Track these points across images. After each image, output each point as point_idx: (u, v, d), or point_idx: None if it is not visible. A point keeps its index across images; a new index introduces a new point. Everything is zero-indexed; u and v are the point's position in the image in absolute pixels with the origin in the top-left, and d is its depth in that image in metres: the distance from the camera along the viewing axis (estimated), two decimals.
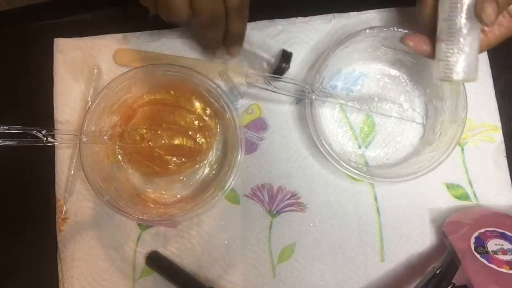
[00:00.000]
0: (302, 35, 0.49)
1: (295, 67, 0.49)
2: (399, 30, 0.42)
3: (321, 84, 0.44)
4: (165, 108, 0.47)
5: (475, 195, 0.46)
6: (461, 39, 0.34)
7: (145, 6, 0.37)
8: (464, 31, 0.34)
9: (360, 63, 0.49)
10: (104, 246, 0.47)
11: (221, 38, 0.41)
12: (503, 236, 0.40)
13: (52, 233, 0.48)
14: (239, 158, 0.43)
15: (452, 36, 0.34)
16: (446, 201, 0.46)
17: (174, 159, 0.46)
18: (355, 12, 0.49)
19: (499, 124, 0.47)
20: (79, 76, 0.50)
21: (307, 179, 0.47)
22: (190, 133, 0.47)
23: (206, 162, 0.48)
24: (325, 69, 0.44)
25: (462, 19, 0.33)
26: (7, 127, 0.39)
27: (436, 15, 0.35)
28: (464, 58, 0.34)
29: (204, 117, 0.48)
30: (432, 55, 0.37)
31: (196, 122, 0.47)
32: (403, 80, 0.48)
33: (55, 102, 0.50)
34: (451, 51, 0.34)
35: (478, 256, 0.38)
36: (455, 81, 0.35)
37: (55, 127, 0.49)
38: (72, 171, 0.48)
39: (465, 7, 0.33)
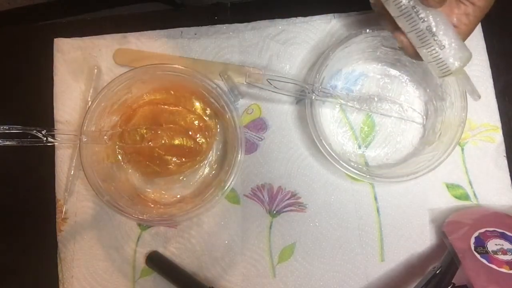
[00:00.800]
0: (302, 35, 0.49)
1: (295, 67, 0.49)
2: None
3: (321, 84, 0.44)
4: (165, 108, 0.47)
5: (475, 195, 0.46)
6: (435, 38, 0.34)
7: None
8: (433, 30, 0.34)
9: (360, 63, 0.49)
10: (104, 246, 0.47)
11: None
12: (503, 236, 0.40)
13: (52, 233, 0.48)
14: (239, 158, 0.43)
15: (425, 41, 0.35)
16: (446, 201, 0.46)
17: (174, 159, 0.46)
18: (355, 12, 0.49)
19: (499, 124, 0.47)
20: (79, 76, 0.50)
21: (307, 179, 0.47)
22: (190, 133, 0.47)
23: (206, 162, 0.48)
24: (325, 69, 0.44)
25: (424, 23, 0.34)
26: (7, 127, 0.39)
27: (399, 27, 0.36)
28: (449, 49, 0.35)
29: (204, 117, 0.48)
30: (416, 57, 0.37)
31: (196, 122, 0.47)
32: (403, 80, 0.48)
33: (55, 102, 0.50)
34: (433, 52, 0.35)
35: (478, 256, 0.38)
36: (455, 71, 0.36)
37: (55, 127, 0.49)
38: (72, 171, 0.48)
39: (419, 13, 0.34)
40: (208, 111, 0.48)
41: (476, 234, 0.40)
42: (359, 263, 0.46)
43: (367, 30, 0.43)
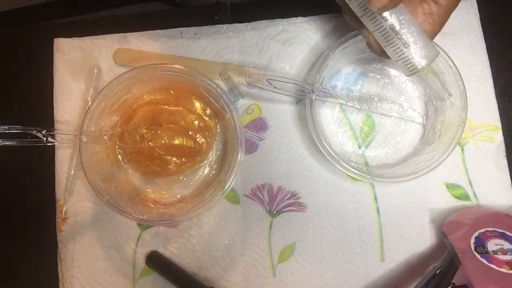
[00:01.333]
0: (302, 35, 0.49)
1: (295, 67, 0.49)
2: None
3: (321, 84, 0.44)
4: (165, 108, 0.47)
5: (475, 195, 0.46)
6: (399, 36, 0.34)
7: None
8: (396, 28, 0.34)
9: (360, 63, 0.49)
10: (104, 246, 0.47)
11: None
12: (503, 236, 0.40)
13: (52, 233, 0.48)
14: (239, 158, 0.43)
15: (390, 40, 0.35)
16: (446, 201, 0.46)
17: (174, 159, 0.46)
18: None
19: (499, 124, 0.47)
20: (79, 76, 0.50)
21: (307, 179, 0.47)
22: (190, 133, 0.47)
23: (206, 162, 0.48)
24: (325, 69, 0.44)
25: (387, 22, 0.34)
26: (7, 127, 0.39)
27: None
28: (414, 48, 0.35)
29: (204, 117, 0.48)
30: (383, 54, 0.37)
31: (196, 122, 0.47)
32: (403, 80, 0.48)
33: (55, 102, 0.50)
34: (398, 51, 0.35)
35: (478, 256, 0.38)
36: (422, 69, 0.36)
37: (55, 127, 0.49)
38: (72, 171, 0.48)
39: (383, 13, 0.34)
40: (208, 111, 0.48)
41: (476, 234, 0.40)
42: (359, 263, 0.46)
43: None
